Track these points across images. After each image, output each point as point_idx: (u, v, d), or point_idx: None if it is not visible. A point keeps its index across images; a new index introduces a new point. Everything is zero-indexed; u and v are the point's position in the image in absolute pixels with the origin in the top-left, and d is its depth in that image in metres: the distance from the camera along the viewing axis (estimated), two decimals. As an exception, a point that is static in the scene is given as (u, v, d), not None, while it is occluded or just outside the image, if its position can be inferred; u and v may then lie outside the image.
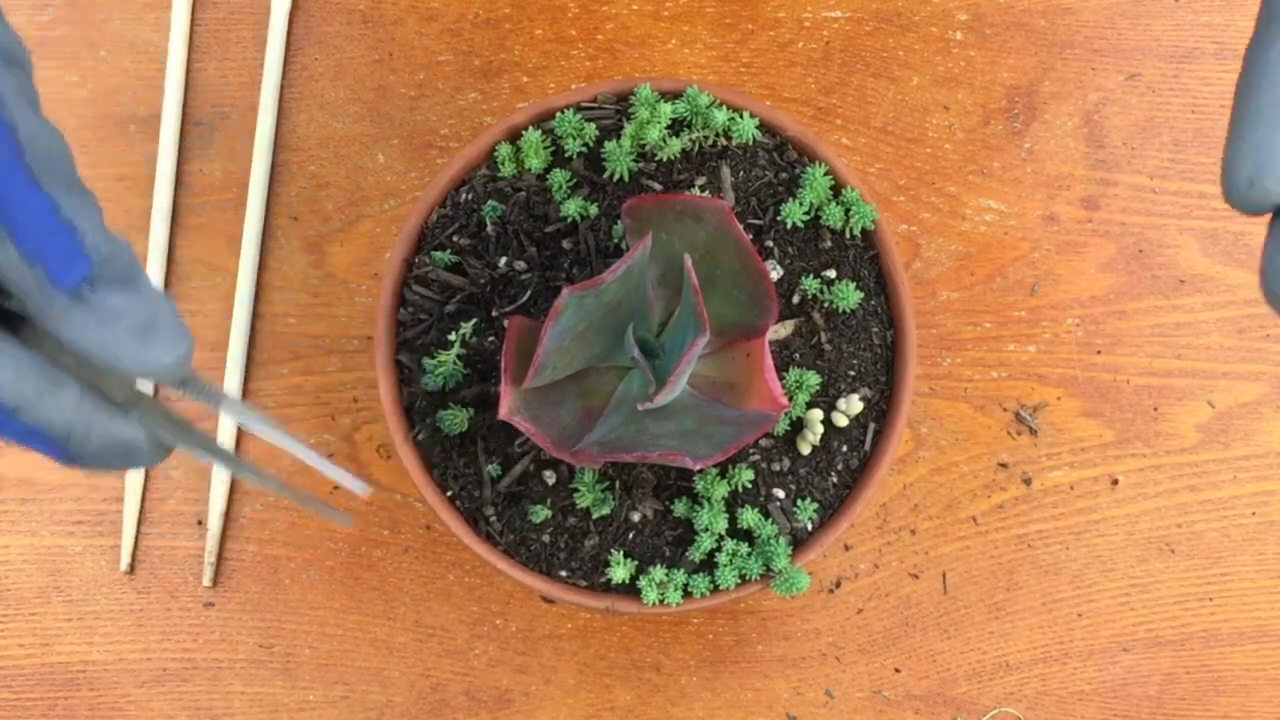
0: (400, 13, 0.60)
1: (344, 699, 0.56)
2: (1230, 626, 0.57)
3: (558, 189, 0.49)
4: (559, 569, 0.48)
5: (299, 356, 0.58)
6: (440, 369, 0.48)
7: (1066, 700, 0.56)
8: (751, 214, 0.49)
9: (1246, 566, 0.58)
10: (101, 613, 0.56)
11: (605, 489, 0.48)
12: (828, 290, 0.49)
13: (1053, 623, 0.57)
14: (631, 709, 0.56)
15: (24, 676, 0.56)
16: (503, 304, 0.49)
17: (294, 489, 0.34)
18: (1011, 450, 0.58)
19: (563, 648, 0.56)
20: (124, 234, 0.58)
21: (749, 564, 0.47)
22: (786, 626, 0.56)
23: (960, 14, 0.61)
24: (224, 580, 0.56)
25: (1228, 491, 0.58)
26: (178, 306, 0.58)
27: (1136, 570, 0.57)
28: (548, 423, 0.43)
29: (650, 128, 0.48)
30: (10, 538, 0.56)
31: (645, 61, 0.60)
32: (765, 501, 0.48)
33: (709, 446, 0.42)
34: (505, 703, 0.56)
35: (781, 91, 0.60)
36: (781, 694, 0.56)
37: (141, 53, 0.60)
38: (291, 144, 0.59)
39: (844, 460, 0.49)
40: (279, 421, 0.33)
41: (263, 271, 0.58)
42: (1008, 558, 0.57)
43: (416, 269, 0.50)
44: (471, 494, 0.48)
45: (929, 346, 0.58)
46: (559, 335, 0.41)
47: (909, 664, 0.56)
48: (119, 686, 0.56)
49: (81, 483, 0.57)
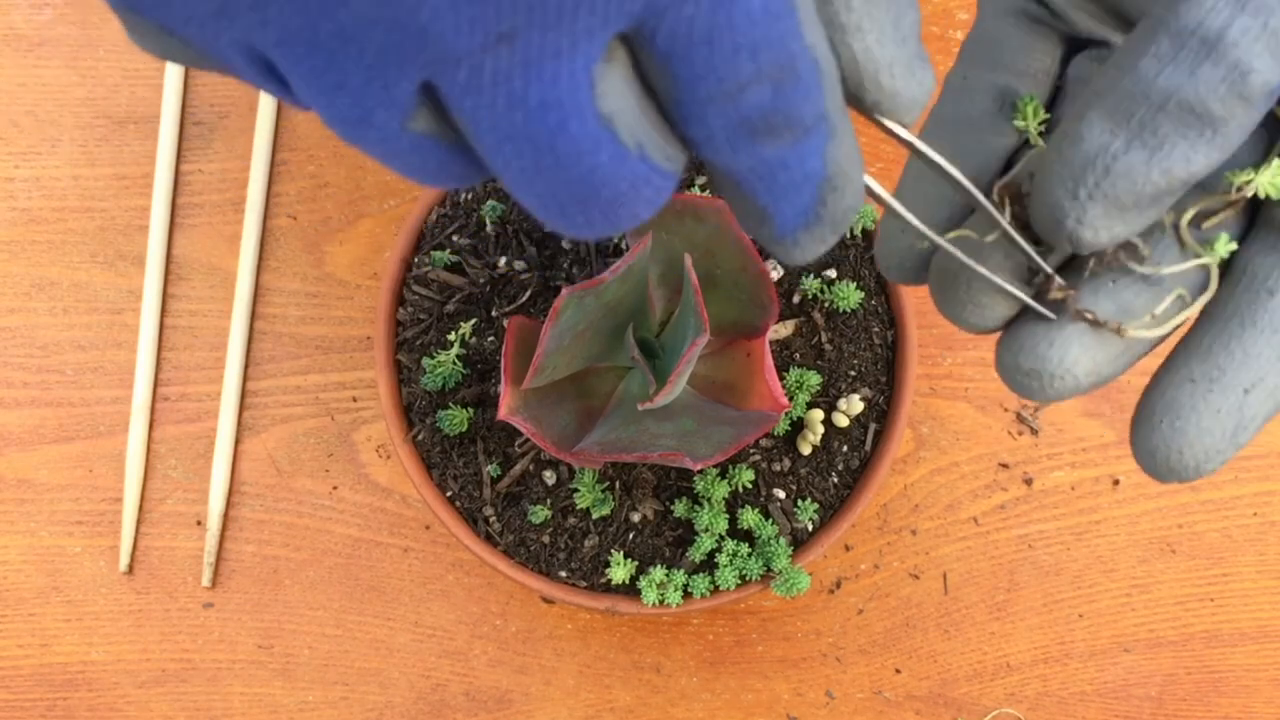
0: (400, 12, 0.60)
1: (343, 699, 0.56)
2: (1231, 627, 0.57)
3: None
4: (559, 569, 0.48)
5: (299, 356, 0.58)
6: (440, 369, 0.48)
7: (1067, 701, 0.56)
8: (752, 214, 0.49)
9: (1248, 567, 0.57)
10: (100, 613, 0.56)
11: (605, 489, 0.48)
12: (828, 290, 0.49)
13: (1054, 623, 0.57)
14: (631, 709, 0.56)
15: (23, 677, 0.56)
16: (503, 304, 0.49)
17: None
18: (1012, 450, 0.58)
19: (562, 648, 0.56)
20: (124, 234, 0.59)
21: (749, 564, 0.47)
22: (787, 627, 0.56)
23: (961, 13, 0.61)
24: (223, 581, 0.56)
25: (1229, 492, 0.58)
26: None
27: (1137, 570, 0.57)
28: (548, 423, 0.43)
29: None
30: (9, 538, 0.56)
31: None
32: (765, 502, 0.48)
33: (709, 446, 0.42)
34: (505, 703, 0.56)
35: (782, 91, 0.60)
36: (782, 694, 0.56)
37: (141, 52, 0.60)
38: (291, 144, 0.59)
39: (844, 460, 0.49)
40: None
41: (262, 271, 0.58)
42: (1009, 558, 0.57)
43: (416, 269, 0.50)
44: (471, 494, 0.48)
45: (930, 346, 0.58)
46: (559, 335, 0.41)
47: (909, 664, 0.56)
48: (118, 687, 0.56)
49: (81, 483, 0.57)
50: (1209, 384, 0.26)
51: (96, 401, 0.57)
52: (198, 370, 0.58)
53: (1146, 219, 0.25)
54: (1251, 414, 0.26)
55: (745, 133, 0.21)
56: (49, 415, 0.57)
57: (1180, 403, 0.26)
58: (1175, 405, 0.26)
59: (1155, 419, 0.27)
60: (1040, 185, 0.25)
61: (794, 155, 0.22)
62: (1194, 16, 0.23)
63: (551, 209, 0.22)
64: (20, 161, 0.59)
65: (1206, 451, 0.26)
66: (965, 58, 0.29)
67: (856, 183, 0.23)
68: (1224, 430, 0.26)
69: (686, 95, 0.21)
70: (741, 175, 0.22)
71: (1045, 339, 0.26)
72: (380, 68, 0.20)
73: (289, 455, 0.57)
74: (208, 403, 0.57)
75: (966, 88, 0.29)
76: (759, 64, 0.21)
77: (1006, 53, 0.29)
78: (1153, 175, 0.24)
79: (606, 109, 0.20)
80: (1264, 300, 0.26)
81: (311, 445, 0.57)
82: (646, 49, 0.20)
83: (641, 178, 0.22)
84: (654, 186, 0.22)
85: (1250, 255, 0.27)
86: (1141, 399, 0.27)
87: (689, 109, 0.21)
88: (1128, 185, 0.24)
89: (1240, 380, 0.26)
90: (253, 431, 0.57)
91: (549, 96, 0.20)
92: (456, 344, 0.48)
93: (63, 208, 0.59)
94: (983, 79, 0.29)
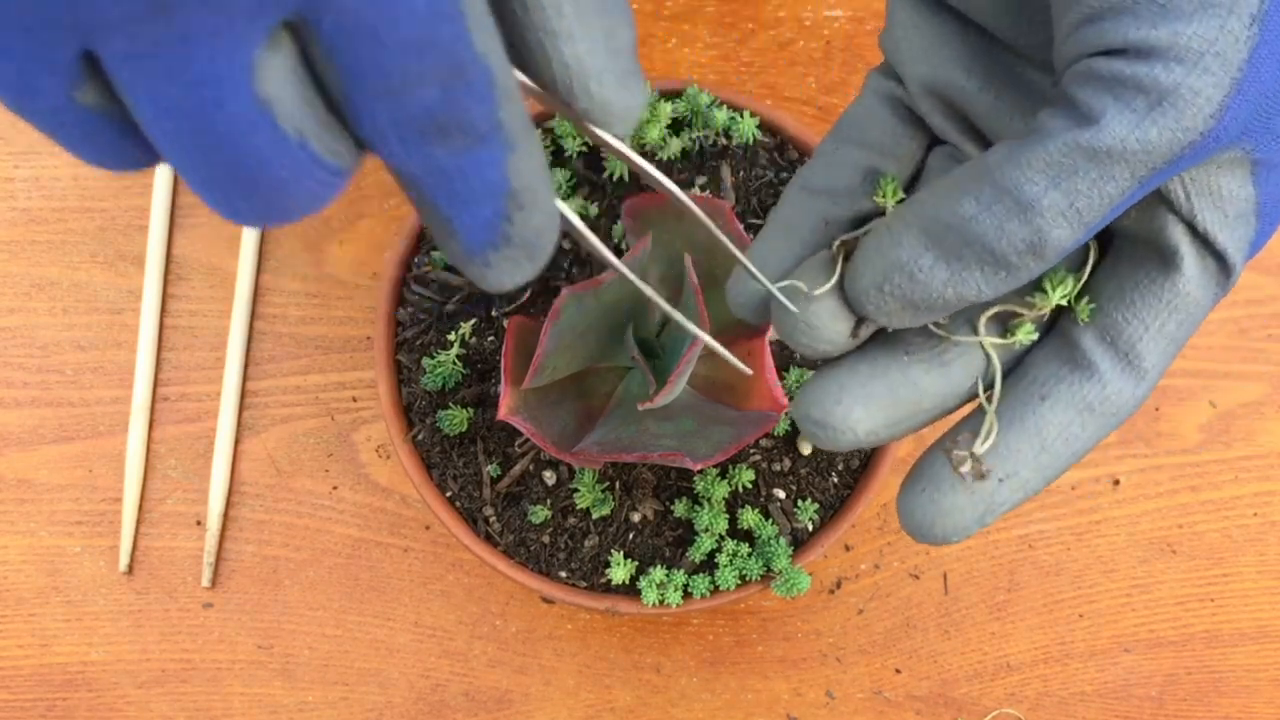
0: (400, 12, 0.60)
1: (343, 700, 0.56)
2: (1232, 627, 0.57)
3: (557, 188, 0.49)
4: (559, 569, 0.48)
5: (298, 356, 0.58)
6: (440, 369, 0.48)
7: (1068, 701, 0.56)
8: (752, 213, 0.49)
9: (1248, 567, 0.57)
10: (100, 613, 0.56)
11: (605, 489, 0.48)
12: (828, 290, 0.49)
13: (1054, 623, 0.57)
14: (631, 710, 0.56)
15: (22, 677, 0.56)
16: (502, 304, 0.49)
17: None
18: (1012, 450, 0.58)
19: (562, 648, 0.56)
20: (124, 234, 0.59)
21: (749, 564, 0.47)
22: (787, 627, 0.56)
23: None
24: (223, 581, 0.56)
25: (1229, 492, 0.58)
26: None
27: (1138, 571, 0.57)
28: (547, 423, 0.43)
29: (650, 127, 0.48)
30: (9, 538, 0.56)
31: (645, 60, 0.60)
32: (766, 502, 0.48)
33: (709, 446, 0.42)
34: (505, 703, 0.56)
35: (782, 91, 0.60)
36: (782, 695, 0.56)
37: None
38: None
39: (844, 460, 0.49)
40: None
41: (262, 271, 0.58)
42: (1009, 558, 0.57)
43: (416, 269, 0.50)
44: (471, 494, 0.48)
45: (930, 346, 0.58)
46: (559, 335, 0.41)
47: (910, 665, 0.56)
48: (118, 687, 0.56)
49: (81, 483, 0.57)
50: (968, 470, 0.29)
51: (96, 401, 0.57)
52: (198, 370, 0.58)
53: (931, 318, 0.28)
54: (1000, 501, 0.29)
55: (415, 133, 0.22)
56: (49, 415, 0.57)
57: (941, 480, 0.29)
58: (936, 481, 0.29)
59: (919, 487, 0.29)
60: (854, 269, 0.28)
61: (470, 163, 0.22)
62: (1015, 180, 0.25)
63: (215, 192, 0.22)
64: (20, 161, 0.59)
65: (955, 526, 0.29)
66: (839, 131, 0.32)
67: (546, 203, 0.23)
68: (974, 512, 0.29)
69: (354, 90, 0.21)
70: (419, 179, 0.22)
71: (835, 395, 0.29)
72: (39, 31, 0.20)
73: (289, 455, 0.57)
74: (208, 403, 0.57)
75: (836, 159, 0.31)
76: (424, 64, 0.21)
77: (876, 134, 0.31)
78: (946, 292, 0.27)
79: (265, 93, 0.21)
80: (1035, 404, 0.29)
81: (311, 445, 0.57)
82: (314, 40, 0.21)
83: (303, 168, 0.22)
84: (317, 180, 0.22)
85: (1035, 359, 0.30)
86: (913, 465, 0.30)
87: (358, 104, 0.21)
88: (924, 294, 0.27)
89: (998, 470, 0.29)
90: (253, 431, 0.57)
91: (206, 73, 0.20)
92: (456, 344, 0.48)
93: (63, 208, 0.59)
94: (851, 154, 0.31)
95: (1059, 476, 0.30)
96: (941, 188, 0.27)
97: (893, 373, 0.29)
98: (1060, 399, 0.29)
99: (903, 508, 0.30)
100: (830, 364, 0.30)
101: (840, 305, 0.29)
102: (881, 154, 0.31)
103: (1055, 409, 0.29)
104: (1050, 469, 0.29)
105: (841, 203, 0.31)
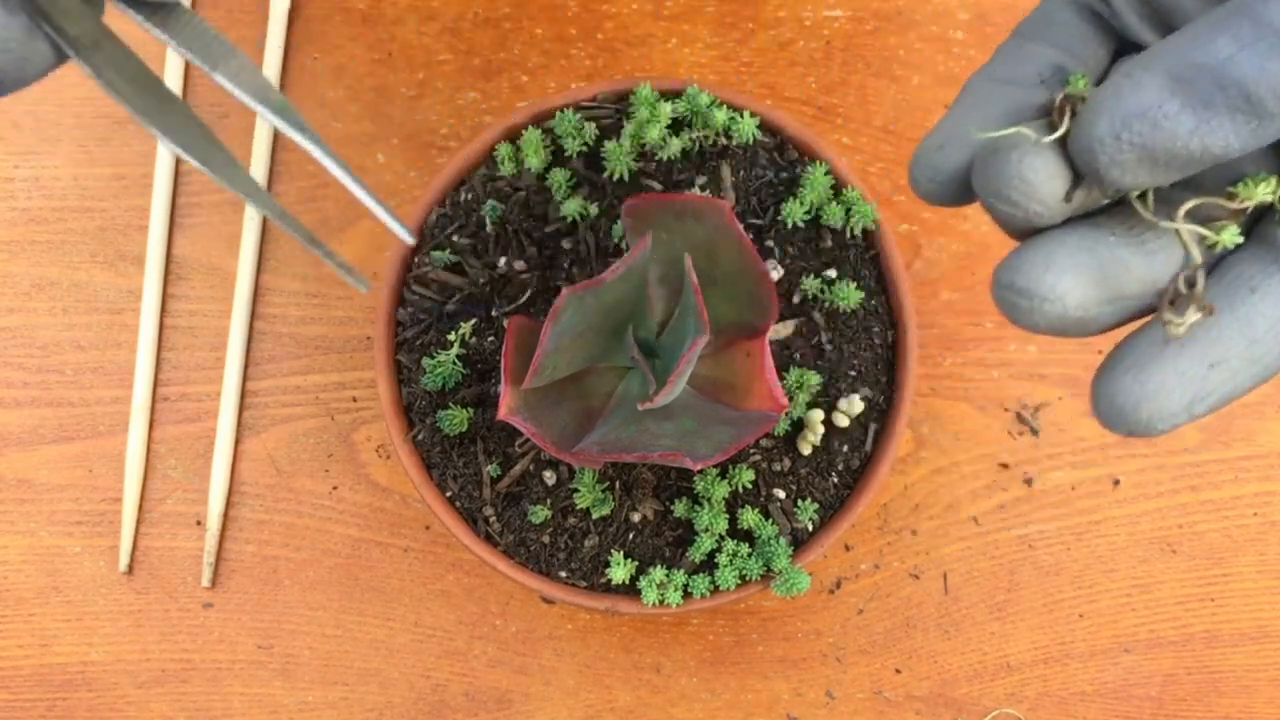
0: (400, 12, 0.60)
1: (343, 700, 0.56)
2: (1232, 627, 0.57)
3: (557, 188, 0.49)
4: (559, 570, 0.48)
5: (298, 356, 0.58)
6: (440, 369, 0.48)
7: (1068, 701, 0.56)
8: (752, 213, 0.49)
9: (1248, 567, 0.57)
10: (100, 613, 0.56)
11: (605, 489, 0.48)
12: (828, 290, 0.49)
13: (1054, 623, 0.57)
14: (631, 710, 0.56)
15: (22, 677, 0.56)
16: (503, 304, 0.49)
17: (312, 235, 0.32)
18: (1013, 450, 0.58)
19: (562, 649, 0.56)
20: (124, 234, 0.59)
21: (749, 564, 0.47)
22: (787, 627, 0.56)
23: (961, 13, 0.61)
24: (223, 581, 0.56)
25: (1229, 492, 0.58)
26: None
27: (1138, 571, 0.57)
28: (548, 423, 0.43)
29: (650, 127, 0.48)
30: (9, 538, 0.56)
31: (645, 61, 0.60)
32: (766, 502, 0.48)
33: (709, 446, 0.42)
34: (505, 704, 0.56)
35: (782, 91, 0.60)
36: (782, 695, 0.56)
37: (140, 52, 0.60)
38: (291, 143, 0.59)
39: (845, 460, 0.49)
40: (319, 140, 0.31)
41: (262, 272, 0.58)
42: (1009, 558, 0.57)
43: (416, 269, 0.50)
44: (471, 494, 0.48)
45: (930, 346, 0.58)
46: (559, 335, 0.41)
47: (910, 665, 0.56)
48: (118, 687, 0.56)
49: (81, 483, 0.57)
50: (1178, 349, 0.28)
51: (96, 401, 0.57)
52: (198, 370, 0.58)
53: (1168, 178, 0.26)
54: (1210, 388, 0.28)
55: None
56: (49, 415, 0.57)
57: (1149, 360, 0.28)
58: (1143, 361, 0.28)
59: (1122, 369, 0.28)
60: (1086, 116, 0.26)
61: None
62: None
63: None
64: (20, 161, 0.59)
65: (1161, 411, 0.28)
66: (1025, 30, 0.31)
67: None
68: (1182, 396, 0.28)
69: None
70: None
71: (1043, 263, 0.28)
72: None
73: (289, 455, 0.57)
74: (208, 403, 0.57)
75: (1022, 54, 0.30)
76: None
77: (1063, 34, 0.30)
78: (1191, 143, 0.25)
79: None
80: (1244, 295, 0.28)
81: (311, 445, 0.57)
82: None
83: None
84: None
85: (1238, 261, 0.29)
86: (1112, 351, 0.29)
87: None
88: (1166, 144, 0.25)
89: (1208, 355, 0.28)
90: (253, 431, 0.57)
91: None
92: (456, 344, 0.48)
93: (63, 208, 0.59)
94: (1037, 50, 0.30)
95: (1266, 379, 0.28)
96: (1191, 30, 0.25)
97: (1100, 249, 0.28)
98: (1270, 292, 0.28)
99: (1102, 391, 0.28)
100: (1034, 236, 0.29)
101: (1059, 162, 0.27)
102: (1068, 54, 0.30)
103: (1265, 301, 0.28)
104: (1259, 364, 0.28)
105: (1031, 91, 0.30)
